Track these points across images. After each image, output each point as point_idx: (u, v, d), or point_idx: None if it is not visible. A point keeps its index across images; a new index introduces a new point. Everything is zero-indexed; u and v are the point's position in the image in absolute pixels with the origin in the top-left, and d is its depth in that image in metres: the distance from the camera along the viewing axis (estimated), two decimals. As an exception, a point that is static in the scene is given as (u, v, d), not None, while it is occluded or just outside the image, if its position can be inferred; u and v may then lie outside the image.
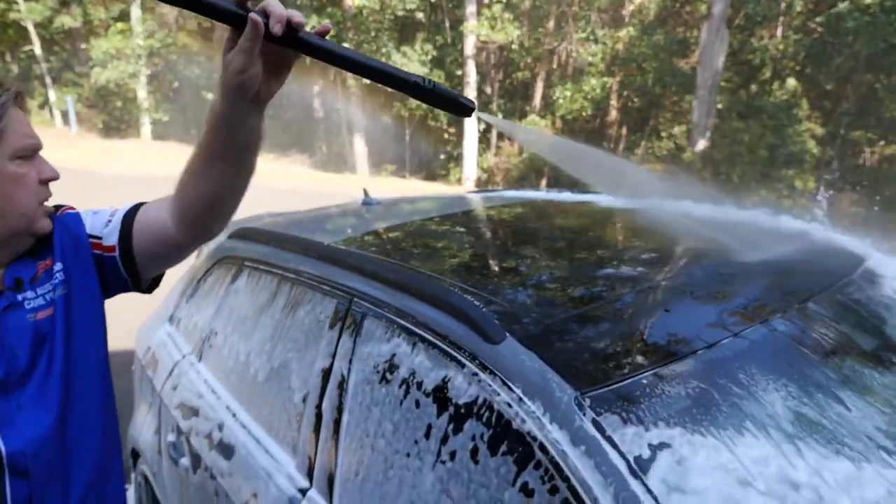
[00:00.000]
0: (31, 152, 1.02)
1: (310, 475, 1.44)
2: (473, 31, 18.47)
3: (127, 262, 1.12)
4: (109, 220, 1.13)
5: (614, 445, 0.93)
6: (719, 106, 18.10)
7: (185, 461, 1.90)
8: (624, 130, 22.71)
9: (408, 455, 1.22)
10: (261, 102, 0.98)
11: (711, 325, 1.24)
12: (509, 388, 1.07)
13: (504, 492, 1.04)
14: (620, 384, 1.03)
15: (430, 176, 22.17)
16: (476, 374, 1.14)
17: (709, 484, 0.90)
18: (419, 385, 1.24)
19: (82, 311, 1.09)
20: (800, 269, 1.57)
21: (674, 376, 1.06)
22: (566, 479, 0.95)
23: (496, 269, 1.59)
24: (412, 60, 19.49)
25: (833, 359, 1.24)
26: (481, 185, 20.22)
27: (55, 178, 1.06)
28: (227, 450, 1.71)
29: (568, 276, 1.51)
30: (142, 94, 22.65)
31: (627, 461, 0.91)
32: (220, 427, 1.77)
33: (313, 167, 20.96)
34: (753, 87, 21.82)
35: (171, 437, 2.03)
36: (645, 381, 1.04)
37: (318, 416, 1.46)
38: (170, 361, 2.23)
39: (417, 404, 1.23)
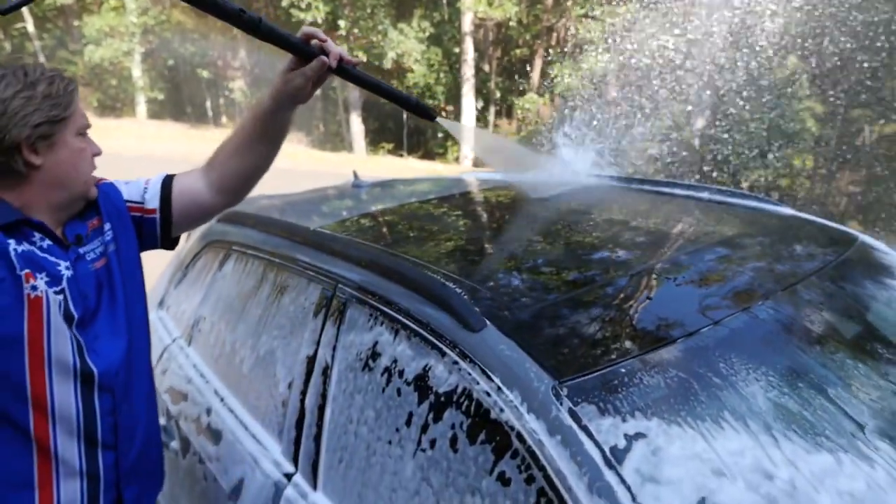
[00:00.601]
0: (85, 130, 1.22)
1: (295, 460, 1.45)
2: (471, 8, 18.24)
3: (164, 222, 1.38)
4: (146, 188, 1.38)
5: (590, 435, 0.94)
6: (718, 83, 17.96)
7: (174, 445, 1.91)
8: (622, 106, 22.55)
9: (389, 443, 1.23)
10: (300, 104, 1.33)
11: (693, 312, 1.23)
12: (488, 377, 1.07)
13: (482, 480, 1.04)
14: (598, 373, 1.03)
15: (428, 155, 22.08)
16: (456, 363, 1.14)
17: (683, 474, 0.90)
18: (401, 373, 1.24)
19: (129, 263, 1.32)
20: (787, 252, 1.57)
21: (652, 365, 1.06)
22: (542, 469, 0.95)
23: (482, 254, 1.58)
24: (409, 37, 19.30)
25: (817, 348, 1.24)
26: (479, 164, 20.12)
27: (100, 153, 1.27)
28: (214, 434, 1.72)
29: (554, 261, 1.50)
30: (136, 72, 22.44)
31: (602, 451, 0.92)
32: (209, 411, 1.78)
33: (310, 146, 20.86)
34: (753, 65, 21.64)
35: (162, 421, 2.03)
36: (623, 371, 1.04)
37: (303, 403, 1.46)
38: (159, 346, 2.23)
39: (399, 392, 1.24)
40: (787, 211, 1.92)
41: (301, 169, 15.32)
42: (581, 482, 0.90)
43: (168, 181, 1.39)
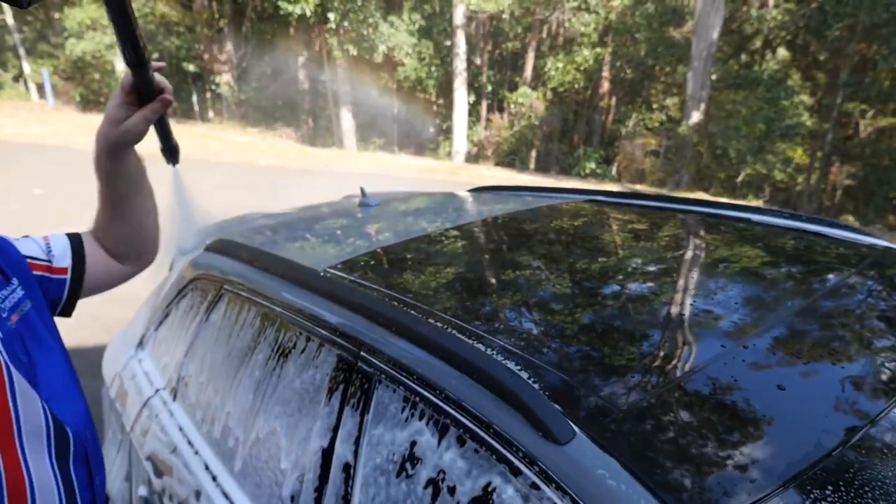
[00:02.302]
0: None
1: (309, 579, 1.14)
2: (462, 1, 17.88)
3: (73, 285, 1.17)
4: (48, 245, 1.16)
5: None
6: (713, 77, 17.74)
7: (157, 527, 1.60)
8: (614, 101, 22.33)
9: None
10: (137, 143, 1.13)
11: (831, 403, 0.94)
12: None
13: None
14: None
15: (420, 150, 21.70)
16: (536, 487, 0.83)
17: None
18: (452, 490, 0.94)
19: (45, 317, 1.09)
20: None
21: (818, 488, 0.76)
22: None
23: (549, 315, 1.22)
24: (400, 30, 18.91)
25: None
26: (471, 160, 19.81)
27: None
28: (206, 525, 1.41)
29: (649, 324, 1.15)
30: (120, 66, 21.86)
31: None
32: (198, 495, 1.47)
33: (299, 141, 20.43)
34: (744, 58, 21.42)
35: (143, 492, 1.73)
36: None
37: (321, 494, 1.15)
38: (139, 398, 1.91)
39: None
40: (880, 242, 1.62)
41: (291, 166, 14.94)
42: None
43: (77, 239, 1.20)
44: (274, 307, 1.47)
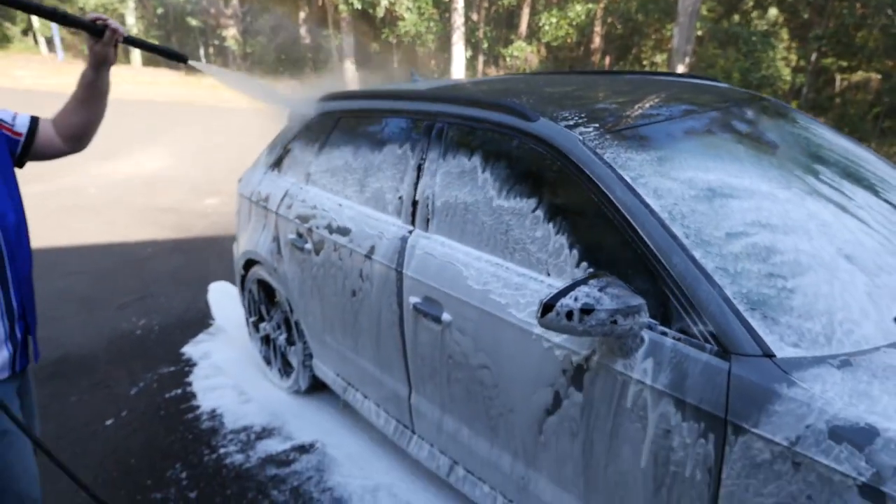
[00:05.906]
0: None
1: (412, 223, 2.32)
2: (461, -44, 18.62)
3: (24, 148, 1.76)
4: (15, 116, 1.76)
5: (609, 165, 1.80)
6: (699, 33, 18.70)
7: (308, 246, 2.77)
8: (607, 59, 23.24)
9: (480, 200, 2.09)
10: (111, 65, 1.82)
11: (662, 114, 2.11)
12: (547, 144, 1.94)
13: (551, 199, 1.91)
14: (612, 134, 1.90)
15: (419, 102, 22.59)
16: (528, 140, 1.99)
17: (683, 183, 1.78)
18: (489, 155, 2.11)
19: (4, 155, 1.69)
20: (724, 95, 2.45)
21: (645, 135, 1.93)
22: (581, 175, 1.83)
23: (532, 94, 2.41)
24: (400, -14, 19.66)
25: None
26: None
27: None
28: (344, 230, 2.58)
29: (573, 97, 2.34)
30: (130, 19, 22.61)
31: (618, 171, 1.79)
32: (337, 217, 2.65)
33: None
34: (736, 17, 22.35)
35: (292, 236, 2.90)
36: (629, 134, 1.90)
37: (416, 189, 2.32)
38: (279, 192, 3.08)
39: (485, 169, 2.10)
40: (723, 84, 2.80)
41: (303, 111, 15.96)
42: (616, 186, 1.78)
43: (35, 119, 1.78)
44: (382, 114, 2.63)
